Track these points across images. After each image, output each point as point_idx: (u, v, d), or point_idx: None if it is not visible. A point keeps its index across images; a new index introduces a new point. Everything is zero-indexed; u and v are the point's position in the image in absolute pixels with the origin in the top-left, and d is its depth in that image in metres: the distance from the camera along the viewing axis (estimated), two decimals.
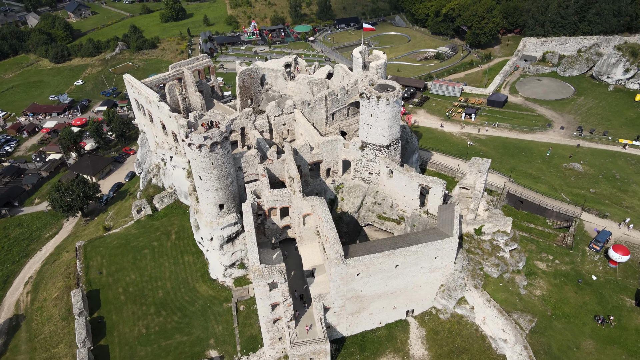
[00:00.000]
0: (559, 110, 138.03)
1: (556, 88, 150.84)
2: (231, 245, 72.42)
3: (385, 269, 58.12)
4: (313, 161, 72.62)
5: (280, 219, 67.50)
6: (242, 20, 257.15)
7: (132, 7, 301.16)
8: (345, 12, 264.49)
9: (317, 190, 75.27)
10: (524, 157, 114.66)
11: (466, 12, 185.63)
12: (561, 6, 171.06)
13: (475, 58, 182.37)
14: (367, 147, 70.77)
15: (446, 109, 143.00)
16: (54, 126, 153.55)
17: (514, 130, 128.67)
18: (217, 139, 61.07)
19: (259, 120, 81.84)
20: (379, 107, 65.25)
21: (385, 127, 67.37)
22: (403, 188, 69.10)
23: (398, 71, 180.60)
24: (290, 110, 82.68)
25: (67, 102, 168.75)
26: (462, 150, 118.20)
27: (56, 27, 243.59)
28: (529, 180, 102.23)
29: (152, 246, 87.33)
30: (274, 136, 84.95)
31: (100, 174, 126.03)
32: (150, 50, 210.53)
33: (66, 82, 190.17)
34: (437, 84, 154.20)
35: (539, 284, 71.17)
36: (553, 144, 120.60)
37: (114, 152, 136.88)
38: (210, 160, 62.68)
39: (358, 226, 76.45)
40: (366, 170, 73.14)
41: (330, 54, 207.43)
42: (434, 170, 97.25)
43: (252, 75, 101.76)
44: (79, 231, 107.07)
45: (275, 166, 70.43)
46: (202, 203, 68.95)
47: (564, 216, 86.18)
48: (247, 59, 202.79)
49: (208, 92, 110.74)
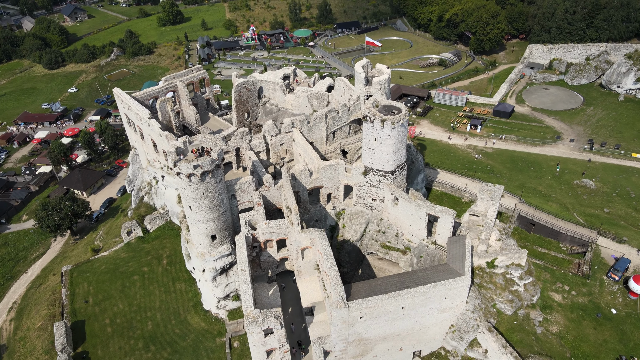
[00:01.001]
0: (567, 122, 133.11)
1: (564, 97, 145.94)
2: (225, 276, 67.52)
3: (390, 310, 53.22)
4: (312, 187, 67.72)
5: (277, 251, 62.58)
6: (240, 25, 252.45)
7: (129, 11, 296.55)
8: (346, 16, 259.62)
9: (316, 217, 70.40)
10: (533, 173, 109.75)
11: (470, 17, 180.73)
12: (568, 12, 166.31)
13: (480, 65, 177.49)
14: (370, 172, 65.87)
15: (451, 120, 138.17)
16: (45, 136, 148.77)
17: (522, 143, 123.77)
18: (208, 168, 56.17)
19: (255, 140, 76.95)
20: (384, 131, 60.35)
21: (390, 152, 62.47)
22: (409, 217, 64.22)
23: (400, 78, 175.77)
24: (288, 129, 77.81)
25: (60, 111, 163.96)
26: (469, 165, 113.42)
27: (51, 32, 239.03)
28: (540, 199, 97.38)
29: (142, 272, 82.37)
30: (271, 156, 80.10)
31: (92, 189, 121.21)
32: (146, 56, 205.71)
33: (60, 90, 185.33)
34: (441, 93, 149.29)
35: (555, 318, 66.18)
36: (563, 158, 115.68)
37: (107, 164, 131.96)
38: (200, 190, 57.78)
39: (360, 254, 71.57)
40: (369, 197, 68.23)
41: (331, 60, 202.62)
42: (440, 189, 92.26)
43: (249, 88, 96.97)
44: (68, 251, 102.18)
45: (272, 193, 65.53)
46: (193, 234, 64.06)
47: (578, 241, 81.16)
48: (245, 65, 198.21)
49: (203, 104, 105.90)
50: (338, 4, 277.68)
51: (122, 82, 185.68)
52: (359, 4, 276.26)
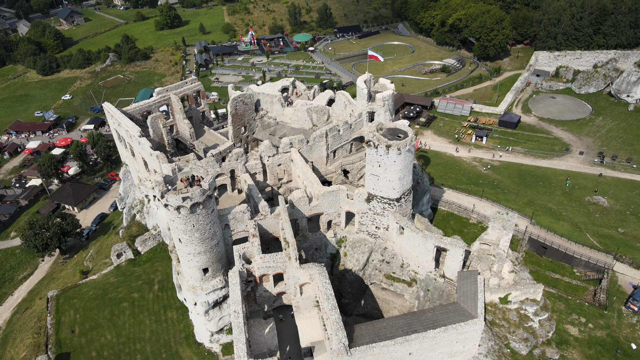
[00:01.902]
0: (576, 132, 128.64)
1: (572, 107, 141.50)
2: (218, 309, 63.09)
3: (397, 357, 48.80)
4: (312, 214, 63.33)
5: (274, 286, 58.14)
6: (239, 29, 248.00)
7: (127, 14, 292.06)
8: (347, 20, 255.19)
9: (316, 245, 65.99)
10: (542, 188, 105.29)
11: (474, 23, 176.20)
12: (575, 17, 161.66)
13: (484, 72, 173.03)
14: (374, 199, 61.42)
15: (455, 130, 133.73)
16: (37, 147, 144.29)
17: (529, 156, 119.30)
18: (199, 200, 51.72)
19: (250, 161, 72.52)
20: (389, 157, 55.91)
21: (395, 179, 58.03)
22: (416, 248, 59.80)
23: (402, 85, 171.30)
24: (286, 149, 73.40)
25: (53, 120, 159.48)
26: (475, 179, 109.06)
27: (46, 36, 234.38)
28: (550, 218, 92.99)
29: (132, 298, 77.93)
30: (269, 178, 75.70)
31: (83, 204, 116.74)
32: (142, 61, 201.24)
33: (53, 97, 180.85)
34: (444, 102, 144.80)
35: (572, 355, 61.88)
36: (572, 172, 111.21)
37: (99, 177, 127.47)
38: (191, 222, 53.33)
39: (363, 284, 67.13)
40: (373, 224, 63.81)
41: (331, 66, 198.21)
42: (447, 209, 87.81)
43: (246, 102, 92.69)
44: (56, 272, 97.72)
45: (269, 221, 61.08)
46: (184, 266, 59.63)
47: (593, 266, 76.84)
48: (243, 72, 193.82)
49: (198, 118, 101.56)
50: (338, 7, 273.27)
51: (118, 89, 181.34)
52: (360, 7, 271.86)
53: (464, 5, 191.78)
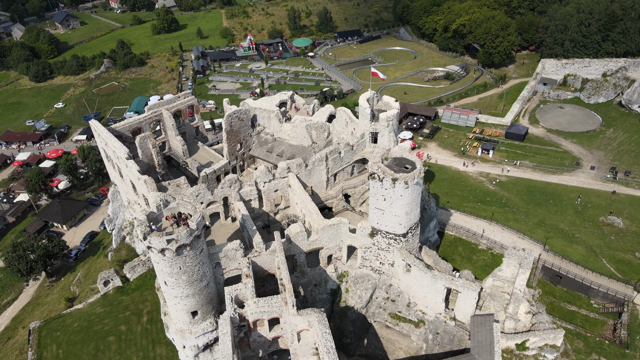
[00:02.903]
0: (586, 145, 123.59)
1: (581, 117, 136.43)
2: (209, 352, 58.10)
3: None
4: (311, 249, 58.35)
5: (269, 330, 53.18)
6: (238, 33, 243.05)
7: (123, 17, 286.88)
8: (347, 24, 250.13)
9: (315, 281, 61.00)
10: (553, 207, 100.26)
11: (478, 29, 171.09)
12: (583, 24, 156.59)
13: (489, 80, 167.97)
14: (378, 234, 56.42)
15: (460, 142, 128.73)
16: (27, 158, 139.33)
17: (538, 170, 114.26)
18: (185, 241, 46.74)
19: (245, 187, 67.50)
20: (395, 191, 50.93)
21: (402, 214, 53.05)
22: (424, 287, 54.87)
23: (405, 94, 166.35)
24: (283, 174, 68.41)
25: (44, 130, 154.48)
26: (482, 196, 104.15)
27: (40, 41, 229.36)
28: (563, 240, 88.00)
29: (118, 332, 73.01)
30: (265, 204, 70.69)
31: (72, 221, 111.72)
32: (138, 68, 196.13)
33: (46, 105, 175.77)
34: (449, 112, 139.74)
35: None
36: (584, 189, 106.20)
37: (90, 192, 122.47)
38: (177, 265, 48.37)
39: (366, 322, 62.16)
40: (377, 260, 58.86)
41: (331, 72, 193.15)
42: (454, 234, 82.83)
43: (241, 118, 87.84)
44: (42, 297, 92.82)
45: (264, 258, 56.10)
46: (171, 309, 54.64)
47: (612, 297, 71.89)
48: (241, 78, 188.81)
49: (192, 133, 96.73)
50: (339, 10, 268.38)
51: (112, 97, 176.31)
52: (361, 11, 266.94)
53: (467, 10, 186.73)
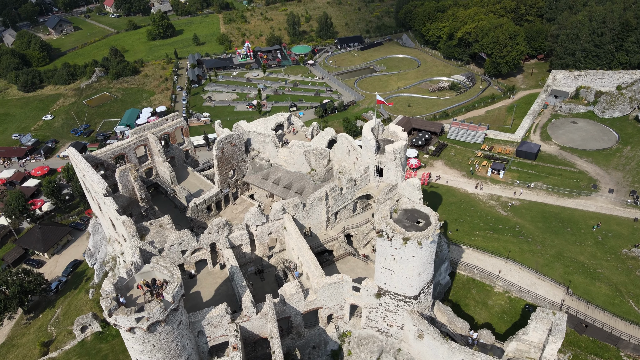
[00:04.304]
0: (603, 165, 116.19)
1: (595, 134, 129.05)
2: None
3: None
4: (309, 310, 51.01)
5: None
6: (235, 39, 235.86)
7: (118, 22, 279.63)
8: (348, 29, 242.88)
9: (314, 343, 53.70)
10: (571, 236, 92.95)
11: (485, 37, 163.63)
12: (595, 33, 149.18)
13: (497, 91, 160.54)
14: (386, 294, 49.07)
15: (468, 160, 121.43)
16: (10, 176, 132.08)
17: (553, 194, 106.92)
18: (159, 318, 39.42)
19: (235, 232, 60.15)
20: (406, 251, 43.60)
21: (413, 275, 45.73)
22: (439, 358, 47.45)
23: (409, 106, 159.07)
24: (278, 216, 61.08)
25: (30, 144, 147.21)
26: (494, 223, 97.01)
27: (32, 47, 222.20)
28: (585, 277, 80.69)
29: None
30: (257, 248, 63.38)
31: (55, 248, 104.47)
32: (131, 77, 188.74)
33: (34, 116, 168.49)
34: (455, 128, 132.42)
35: None
36: (603, 215, 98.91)
37: (75, 215, 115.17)
38: (150, 342, 41.08)
39: None
40: (384, 321, 51.49)
41: (332, 82, 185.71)
42: (467, 274, 75.43)
43: (234, 143, 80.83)
44: (17, 336, 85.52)
45: (254, 322, 48.76)
46: None
47: None
48: (238, 88, 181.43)
49: (181, 158, 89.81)
50: (339, 15, 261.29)
51: (103, 109, 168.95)
52: (362, 15, 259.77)
53: (473, 17, 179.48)
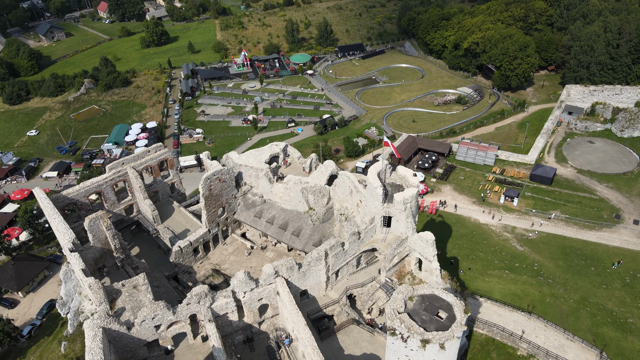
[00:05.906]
0: (625, 192, 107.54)
1: (615, 155, 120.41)
2: None
3: None
4: None
5: None
6: (232, 47, 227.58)
7: (112, 29, 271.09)
8: (349, 36, 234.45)
9: None
10: (596, 277, 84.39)
11: (494, 49, 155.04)
12: (610, 45, 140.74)
13: (507, 106, 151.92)
14: None
15: (479, 185, 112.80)
16: None
17: (572, 225, 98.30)
18: None
19: (219, 300, 51.51)
20: (425, 354, 34.93)
21: None
22: None
23: (413, 122, 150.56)
24: (269, 281, 52.45)
25: (12, 163, 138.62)
26: (509, 260, 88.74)
27: (20, 56, 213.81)
28: (614, 330, 72.21)
29: None
30: (247, 316, 54.72)
31: (30, 286, 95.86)
32: (122, 88, 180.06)
33: (18, 132, 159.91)
34: (464, 148, 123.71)
35: None
36: (628, 250, 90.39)
37: (54, 247, 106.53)
38: None
39: None
40: None
41: (332, 93, 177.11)
42: (486, 333, 66.68)
43: (223, 179, 72.33)
44: None
45: None
46: None
47: None
48: (233, 101, 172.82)
49: (166, 192, 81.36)
50: (340, 21, 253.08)
51: (91, 123, 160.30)
52: (363, 22, 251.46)
53: (479, 26, 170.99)
